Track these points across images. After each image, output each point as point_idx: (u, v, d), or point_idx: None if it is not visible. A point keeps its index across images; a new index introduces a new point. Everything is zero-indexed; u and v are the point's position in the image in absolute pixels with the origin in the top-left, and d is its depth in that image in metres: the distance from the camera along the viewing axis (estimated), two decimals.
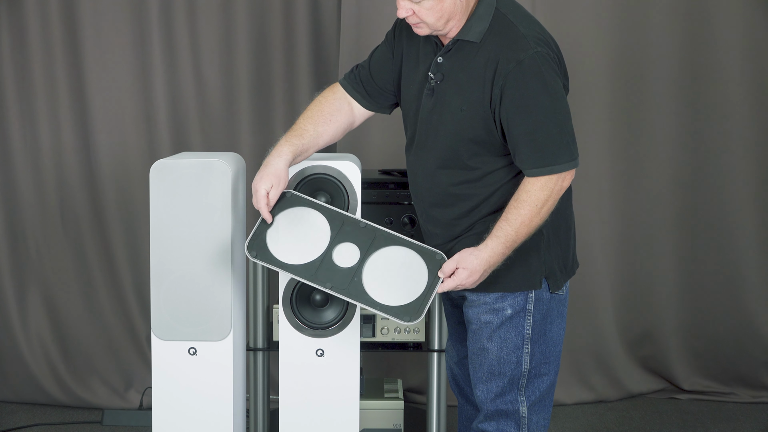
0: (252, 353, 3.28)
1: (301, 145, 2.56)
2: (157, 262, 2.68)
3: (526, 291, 2.47)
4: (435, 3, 2.34)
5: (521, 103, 2.34)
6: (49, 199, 4.09)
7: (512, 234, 2.38)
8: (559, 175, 2.37)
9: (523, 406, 2.54)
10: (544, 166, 2.35)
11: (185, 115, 4.07)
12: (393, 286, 2.48)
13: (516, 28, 2.35)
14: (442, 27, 2.39)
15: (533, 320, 2.49)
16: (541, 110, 2.33)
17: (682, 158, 4.16)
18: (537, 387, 2.55)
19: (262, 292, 3.24)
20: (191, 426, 2.74)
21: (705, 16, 4.07)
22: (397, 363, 4.15)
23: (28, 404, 4.12)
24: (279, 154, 2.52)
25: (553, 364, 2.56)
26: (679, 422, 3.99)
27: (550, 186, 2.36)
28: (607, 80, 4.11)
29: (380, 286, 2.49)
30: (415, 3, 2.34)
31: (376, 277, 2.50)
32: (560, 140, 2.34)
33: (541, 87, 2.32)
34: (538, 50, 2.32)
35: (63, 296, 4.13)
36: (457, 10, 2.37)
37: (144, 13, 4.00)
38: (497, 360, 2.51)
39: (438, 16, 2.36)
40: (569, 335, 4.20)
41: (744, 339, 4.21)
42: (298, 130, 2.59)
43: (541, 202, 2.36)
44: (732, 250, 4.17)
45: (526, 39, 2.33)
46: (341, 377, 2.73)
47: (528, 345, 2.50)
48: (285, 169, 2.52)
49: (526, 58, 2.31)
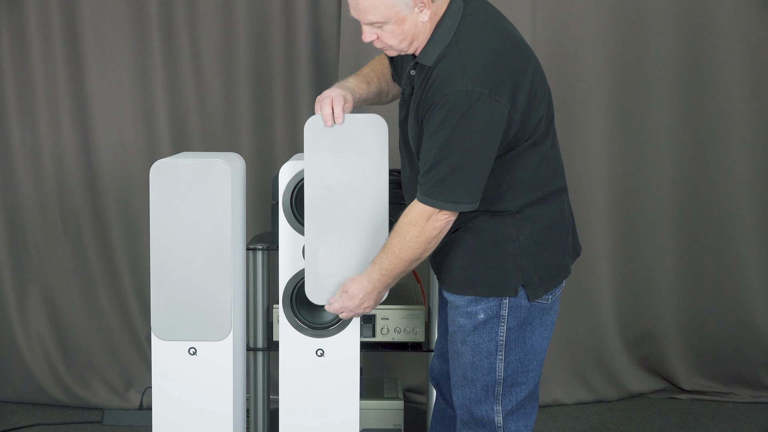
0: (252, 353, 3.28)
1: (367, 87, 2.61)
2: (157, 262, 2.68)
3: (500, 297, 2.46)
4: (395, 27, 2.36)
5: (430, 133, 2.34)
6: (49, 199, 4.09)
7: (386, 263, 2.43)
8: (433, 212, 2.35)
9: (498, 416, 2.52)
10: (422, 194, 2.35)
11: (185, 115, 4.07)
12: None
13: (459, 61, 2.32)
14: (407, 48, 2.41)
15: (508, 327, 2.47)
16: (443, 146, 2.31)
17: (682, 158, 4.16)
18: (514, 396, 2.52)
19: (262, 292, 3.24)
20: (191, 426, 2.75)
21: (705, 16, 4.07)
22: (396, 363, 4.15)
23: (28, 404, 4.12)
24: (348, 81, 2.59)
25: (532, 374, 2.53)
26: (679, 422, 3.99)
27: (422, 221, 2.36)
28: (607, 80, 4.11)
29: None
30: (378, 28, 2.37)
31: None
32: (449, 180, 2.32)
33: (453, 125, 2.29)
34: (467, 89, 2.28)
35: (63, 296, 4.13)
36: (420, 31, 2.38)
37: (144, 13, 4.00)
38: (470, 365, 2.50)
39: (400, 39, 2.38)
40: (569, 335, 4.20)
41: (744, 339, 4.21)
42: (364, 75, 2.64)
43: (408, 235, 2.38)
44: (732, 250, 4.17)
45: (462, 74, 2.29)
46: (341, 377, 2.73)
47: (502, 352, 2.48)
48: (355, 95, 2.56)
49: (451, 95, 2.29)
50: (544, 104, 2.44)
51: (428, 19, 2.36)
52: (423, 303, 3.38)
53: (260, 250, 3.19)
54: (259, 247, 3.19)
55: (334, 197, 2.53)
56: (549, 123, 2.47)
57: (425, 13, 2.35)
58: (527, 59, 2.39)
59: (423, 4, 2.34)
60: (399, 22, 2.35)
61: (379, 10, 2.33)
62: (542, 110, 2.42)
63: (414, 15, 2.35)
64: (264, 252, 3.20)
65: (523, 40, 2.44)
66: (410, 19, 2.35)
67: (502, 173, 2.42)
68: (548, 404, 4.17)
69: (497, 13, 2.44)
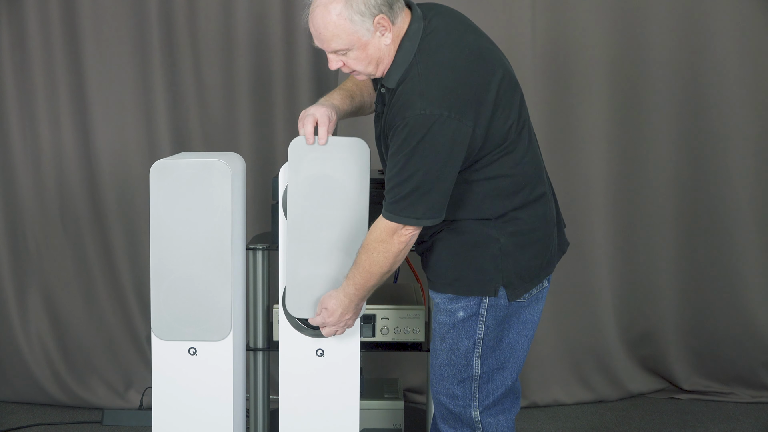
0: (252, 353, 3.28)
1: (351, 102, 2.64)
2: (157, 262, 2.68)
3: (479, 296, 2.49)
4: (359, 52, 2.39)
5: (392, 153, 2.38)
6: (49, 199, 4.09)
7: (358, 277, 2.49)
8: (397, 228, 2.40)
9: (475, 411, 2.56)
10: (387, 210, 2.40)
11: (185, 115, 4.07)
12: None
13: (418, 84, 2.35)
14: (374, 71, 2.44)
15: (486, 325, 2.51)
16: (404, 167, 2.34)
17: (682, 158, 4.16)
18: (490, 392, 2.56)
19: (262, 292, 3.24)
20: (191, 426, 2.75)
21: (704, 16, 4.07)
22: (396, 363, 4.15)
23: (28, 404, 4.12)
24: (332, 97, 2.61)
25: (509, 370, 2.56)
26: (679, 422, 3.99)
27: (387, 236, 2.41)
28: (607, 80, 4.11)
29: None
30: (342, 55, 2.41)
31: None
32: (410, 198, 2.36)
33: (413, 146, 2.32)
34: (425, 112, 2.31)
35: (63, 296, 4.13)
36: (384, 54, 2.41)
37: (144, 13, 4.00)
38: (448, 361, 2.55)
39: (366, 63, 2.42)
40: (569, 335, 4.20)
41: (744, 339, 4.21)
42: (346, 91, 2.66)
43: (376, 251, 2.43)
44: (732, 250, 4.17)
45: (420, 97, 2.32)
46: (341, 377, 2.73)
47: (479, 349, 2.52)
48: (339, 112, 2.59)
49: (410, 117, 2.32)
50: (514, 111, 2.44)
51: (391, 41, 2.40)
52: (423, 303, 3.38)
53: (260, 250, 3.19)
54: (259, 247, 3.19)
55: (316, 216, 2.59)
56: (521, 128, 2.47)
57: (387, 36, 2.39)
58: (492, 71, 2.40)
59: (384, 28, 2.38)
60: (362, 47, 2.39)
61: (341, 38, 2.37)
62: (511, 117, 2.43)
63: (376, 39, 2.39)
64: (264, 252, 3.20)
65: (489, 49, 2.45)
66: (373, 43, 2.39)
67: (479, 183, 2.45)
68: (548, 404, 4.17)
69: (461, 26, 2.46)
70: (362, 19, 2.34)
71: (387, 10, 2.36)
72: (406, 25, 2.41)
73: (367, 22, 2.35)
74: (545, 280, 2.56)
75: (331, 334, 2.62)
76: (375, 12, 2.35)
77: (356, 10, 2.33)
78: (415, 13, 2.43)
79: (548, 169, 3.99)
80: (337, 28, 2.35)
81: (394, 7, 2.38)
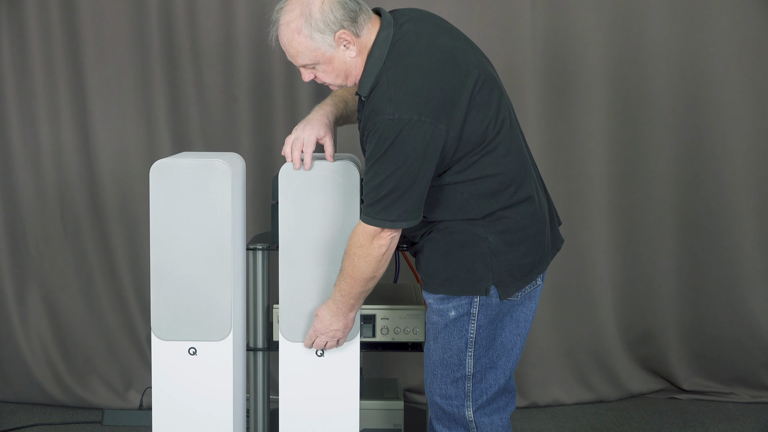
0: (252, 353, 3.28)
1: (345, 107, 2.66)
2: (157, 262, 2.68)
3: (470, 296, 2.50)
4: (326, 66, 2.44)
5: (366, 158, 2.42)
6: (49, 199, 4.09)
7: (343, 284, 2.52)
8: (376, 231, 2.42)
9: (468, 410, 2.57)
10: (364, 214, 2.42)
11: (185, 115, 4.07)
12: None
13: (387, 90, 2.37)
14: (344, 82, 2.48)
15: (478, 324, 2.51)
16: (377, 172, 2.37)
17: (682, 158, 4.16)
18: (483, 391, 2.56)
19: (262, 292, 3.23)
20: (191, 426, 2.75)
21: (704, 16, 4.07)
22: (396, 363, 4.15)
23: (28, 404, 4.13)
24: (323, 108, 2.62)
25: (502, 369, 2.57)
26: (679, 422, 3.99)
27: (366, 241, 2.43)
28: (607, 80, 4.11)
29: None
30: (311, 69, 2.46)
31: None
32: (385, 201, 2.38)
33: (384, 151, 2.34)
34: (394, 118, 2.33)
35: (63, 296, 4.13)
36: (352, 66, 2.44)
37: (144, 13, 4.00)
38: (440, 361, 2.56)
39: (335, 76, 2.45)
40: (569, 335, 4.20)
41: (744, 339, 4.21)
42: (339, 97, 2.68)
43: (357, 256, 2.46)
44: (732, 250, 4.17)
45: (389, 103, 2.34)
46: (341, 377, 2.73)
47: (472, 349, 2.53)
48: (332, 122, 2.61)
49: (380, 123, 2.35)
50: (491, 110, 2.43)
51: (356, 54, 2.42)
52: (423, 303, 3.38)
53: (260, 250, 3.19)
54: (259, 247, 3.19)
55: (307, 240, 2.63)
56: (500, 127, 2.46)
57: (351, 49, 2.42)
58: (465, 72, 2.40)
59: (347, 41, 2.40)
60: (327, 62, 2.42)
61: (305, 54, 2.41)
62: (488, 117, 2.42)
63: (340, 53, 2.42)
64: (264, 252, 3.20)
65: (463, 50, 2.44)
66: (337, 57, 2.42)
67: (463, 184, 2.46)
68: (548, 404, 4.17)
69: (434, 30, 2.46)
70: (322, 36, 2.38)
71: (349, 24, 2.39)
72: (373, 36, 2.43)
73: (327, 38, 2.38)
74: (539, 278, 2.56)
75: (321, 345, 2.64)
76: (335, 28, 2.38)
77: (315, 28, 2.37)
78: (385, 20, 2.44)
79: (548, 169, 4.04)
80: (300, 45, 2.40)
81: (357, 19, 2.40)
